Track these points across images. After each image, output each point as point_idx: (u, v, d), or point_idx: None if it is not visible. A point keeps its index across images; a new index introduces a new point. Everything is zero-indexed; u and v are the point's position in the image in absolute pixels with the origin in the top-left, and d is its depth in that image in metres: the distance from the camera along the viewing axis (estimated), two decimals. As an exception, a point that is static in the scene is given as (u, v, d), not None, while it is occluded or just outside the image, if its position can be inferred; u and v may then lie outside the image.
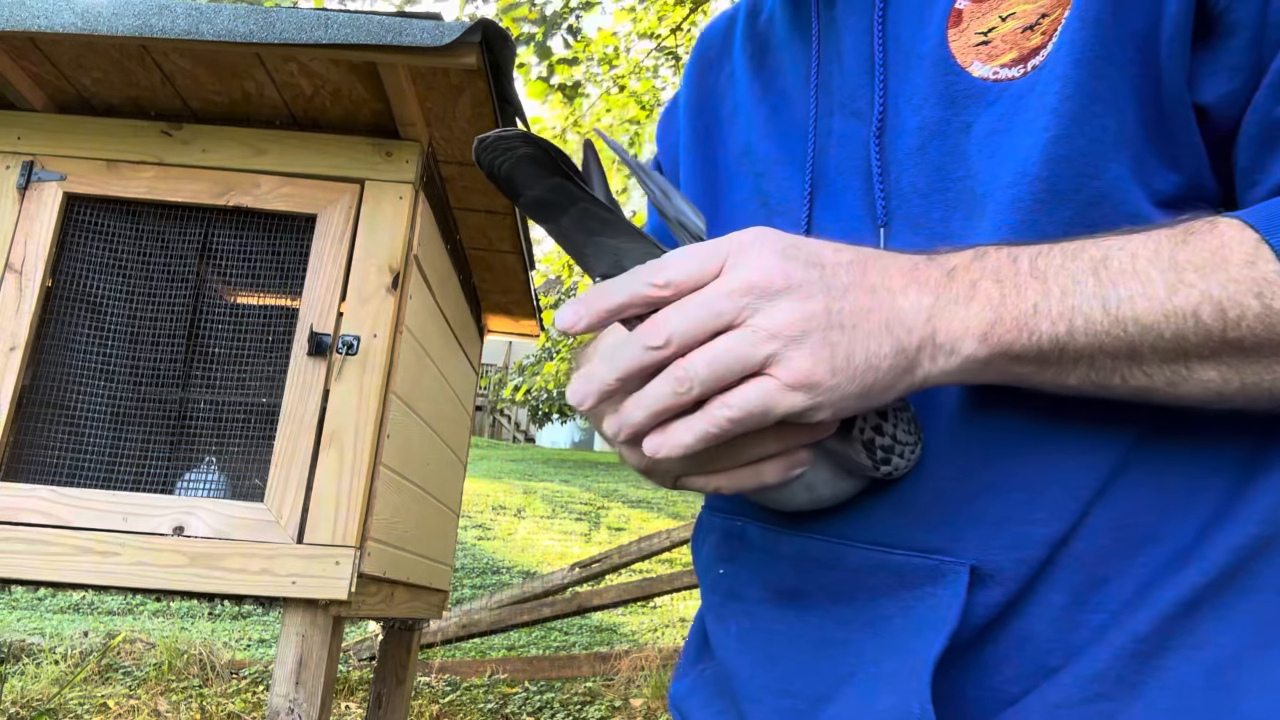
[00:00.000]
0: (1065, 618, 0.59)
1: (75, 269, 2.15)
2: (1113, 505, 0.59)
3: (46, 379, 2.11)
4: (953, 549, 0.60)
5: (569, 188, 0.51)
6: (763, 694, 0.67)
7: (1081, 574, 0.59)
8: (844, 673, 0.63)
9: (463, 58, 1.94)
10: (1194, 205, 0.62)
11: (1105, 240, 0.56)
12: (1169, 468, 0.60)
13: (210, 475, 2.10)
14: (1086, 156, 0.59)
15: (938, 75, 0.66)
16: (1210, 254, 0.54)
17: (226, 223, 2.19)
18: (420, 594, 2.83)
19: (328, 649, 2.00)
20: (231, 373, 2.14)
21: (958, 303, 0.54)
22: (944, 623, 0.58)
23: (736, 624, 0.71)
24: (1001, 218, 0.61)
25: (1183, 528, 0.59)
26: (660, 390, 0.51)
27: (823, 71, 0.74)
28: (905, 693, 0.57)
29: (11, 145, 2.19)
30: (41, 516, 1.99)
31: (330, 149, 2.20)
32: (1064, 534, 0.59)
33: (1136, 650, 0.57)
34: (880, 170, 0.68)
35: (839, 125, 0.72)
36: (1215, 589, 0.58)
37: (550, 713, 4.53)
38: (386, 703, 3.17)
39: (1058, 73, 0.61)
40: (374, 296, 2.12)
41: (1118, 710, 0.57)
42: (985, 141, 0.63)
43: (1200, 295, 0.53)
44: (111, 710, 4.19)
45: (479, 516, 9.56)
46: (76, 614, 6.15)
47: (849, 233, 0.69)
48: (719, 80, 0.86)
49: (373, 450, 2.06)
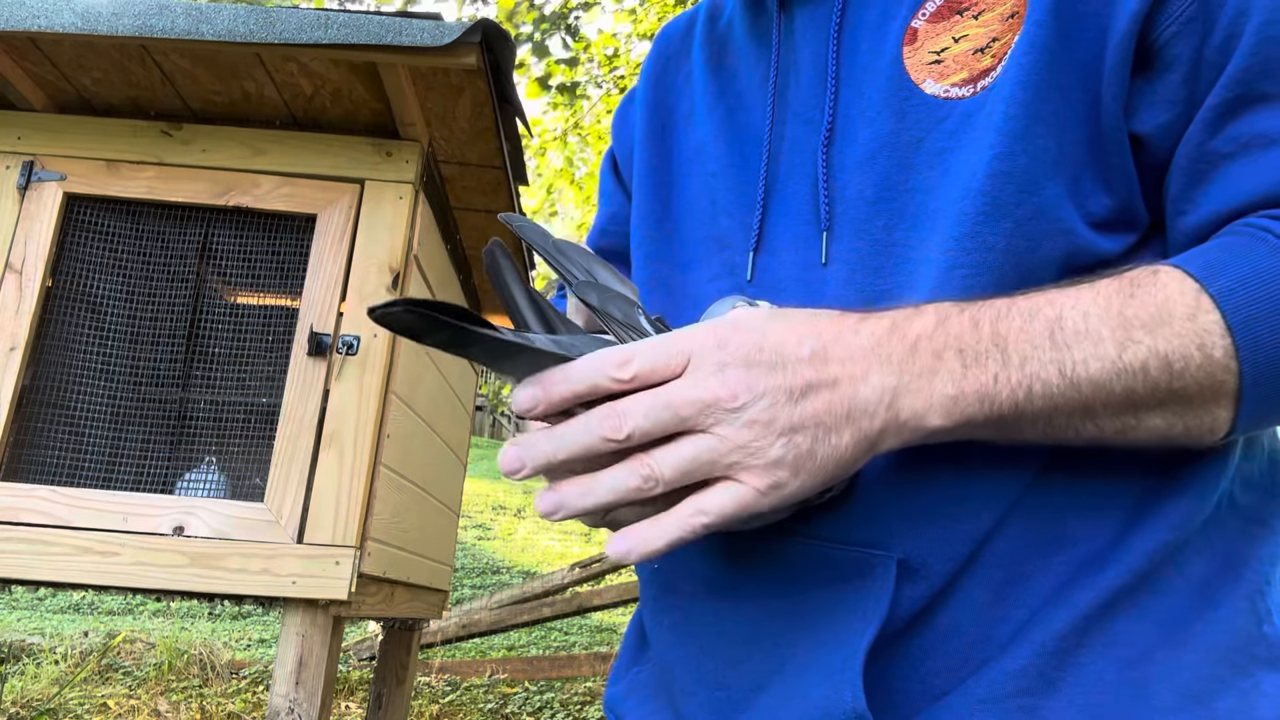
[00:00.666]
0: (987, 613, 0.62)
1: (75, 269, 2.15)
2: (1032, 507, 0.62)
3: (46, 379, 2.11)
4: (883, 543, 0.63)
5: (461, 333, 0.51)
6: (696, 687, 0.69)
7: (1002, 571, 0.62)
8: (776, 664, 0.64)
9: (463, 58, 1.94)
10: (1123, 228, 0.65)
11: (1059, 296, 0.58)
12: (1084, 474, 0.63)
13: (210, 475, 2.10)
14: (1027, 173, 0.62)
15: (891, 90, 0.69)
16: (1155, 309, 0.56)
17: (226, 223, 2.19)
18: (420, 594, 2.83)
19: (328, 649, 2.00)
20: (231, 373, 2.14)
21: (921, 377, 0.56)
22: (874, 614, 0.60)
23: (670, 618, 0.73)
24: (949, 229, 0.63)
25: (1098, 531, 0.62)
26: (622, 483, 0.52)
27: (780, 80, 0.77)
28: (838, 682, 0.59)
29: (11, 145, 2.19)
30: (41, 516, 1.99)
31: (330, 149, 2.20)
32: (986, 532, 0.62)
33: (1057, 648, 0.60)
34: (826, 177, 0.71)
35: (791, 132, 0.75)
36: (1129, 591, 0.61)
37: (550, 713, 4.53)
38: (386, 703, 3.18)
39: (1004, 93, 0.63)
40: (374, 296, 2.12)
41: (1038, 704, 0.59)
42: (935, 157, 0.66)
43: (1148, 351, 0.56)
44: (111, 710, 4.19)
45: (479, 516, 9.56)
46: (76, 614, 6.15)
47: (796, 235, 0.72)
48: (677, 79, 0.88)
49: (373, 450, 2.06)
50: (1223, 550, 0.64)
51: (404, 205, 2.17)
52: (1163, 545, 0.62)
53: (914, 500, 0.63)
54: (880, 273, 0.67)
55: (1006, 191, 0.62)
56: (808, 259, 0.71)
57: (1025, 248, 0.62)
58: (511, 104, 2.26)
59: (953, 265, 0.63)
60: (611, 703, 0.82)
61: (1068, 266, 0.63)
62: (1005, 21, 0.66)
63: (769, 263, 0.73)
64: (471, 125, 2.32)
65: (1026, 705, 0.60)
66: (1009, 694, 0.60)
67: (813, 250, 0.71)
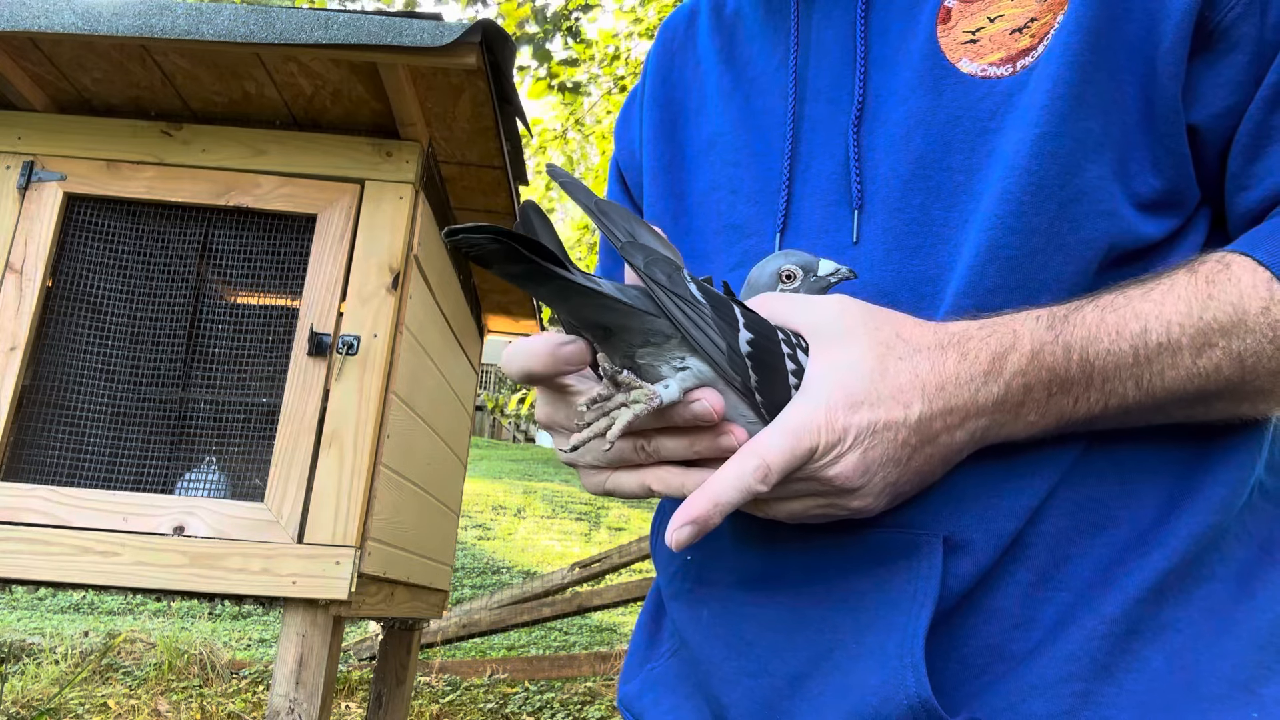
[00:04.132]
0: (1031, 594, 0.62)
1: (75, 269, 2.15)
2: (1075, 487, 0.63)
3: (46, 379, 2.11)
4: (924, 522, 0.63)
5: (536, 270, 0.54)
6: (738, 676, 0.68)
7: (1047, 552, 0.62)
8: (820, 650, 0.64)
9: (463, 58, 1.94)
10: (1169, 210, 0.65)
11: (1144, 305, 0.60)
12: (1126, 455, 0.64)
13: (210, 475, 2.10)
14: (1072, 154, 0.63)
15: (926, 68, 0.69)
16: (1231, 309, 0.59)
17: (226, 223, 2.19)
18: (420, 594, 2.83)
19: (328, 649, 2.00)
20: (231, 373, 2.14)
21: (1009, 414, 0.60)
22: (926, 594, 0.60)
23: (708, 609, 0.72)
24: (992, 209, 0.64)
25: (1140, 511, 0.63)
26: (742, 490, 0.56)
27: (799, 62, 0.76)
28: (896, 667, 0.59)
29: (11, 145, 2.19)
30: (41, 516, 1.99)
31: (330, 149, 2.20)
32: (1032, 509, 0.62)
33: (1108, 633, 0.60)
34: (858, 156, 0.70)
35: (813, 113, 0.74)
36: (1177, 575, 0.61)
37: (550, 713, 4.53)
38: (386, 703, 3.18)
39: (1049, 72, 0.63)
40: (374, 296, 2.12)
41: (1091, 690, 0.59)
42: (975, 137, 0.66)
43: (1223, 353, 0.59)
44: (111, 710, 4.19)
45: (479, 516, 9.57)
46: (76, 614, 6.15)
47: (823, 217, 0.72)
48: (684, 72, 0.88)
49: (373, 450, 2.06)
50: (1259, 536, 0.64)
51: (404, 205, 2.17)
52: (1207, 529, 0.62)
53: (956, 478, 0.63)
54: (919, 252, 0.66)
55: (1051, 172, 0.62)
56: (837, 240, 0.70)
57: (1069, 229, 0.62)
58: (511, 104, 2.26)
59: (996, 245, 0.63)
60: (627, 700, 0.81)
61: (1111, 248, 0.63)
62: (1043, 2, 0.66)
63: (796, 246, 0.73)
64: (471, 125, 2.32)
65: (1079, 690, 0.59)
66: (1061, 679, 0.60)
67: (842, 231, 0.70)
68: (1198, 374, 0.59)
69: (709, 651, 0.71)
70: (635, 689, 0.81)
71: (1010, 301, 0.62)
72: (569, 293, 0.56)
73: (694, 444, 0.58)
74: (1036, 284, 0.63)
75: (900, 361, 0.58)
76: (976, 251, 0.63)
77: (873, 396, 0.57)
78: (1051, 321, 0.60)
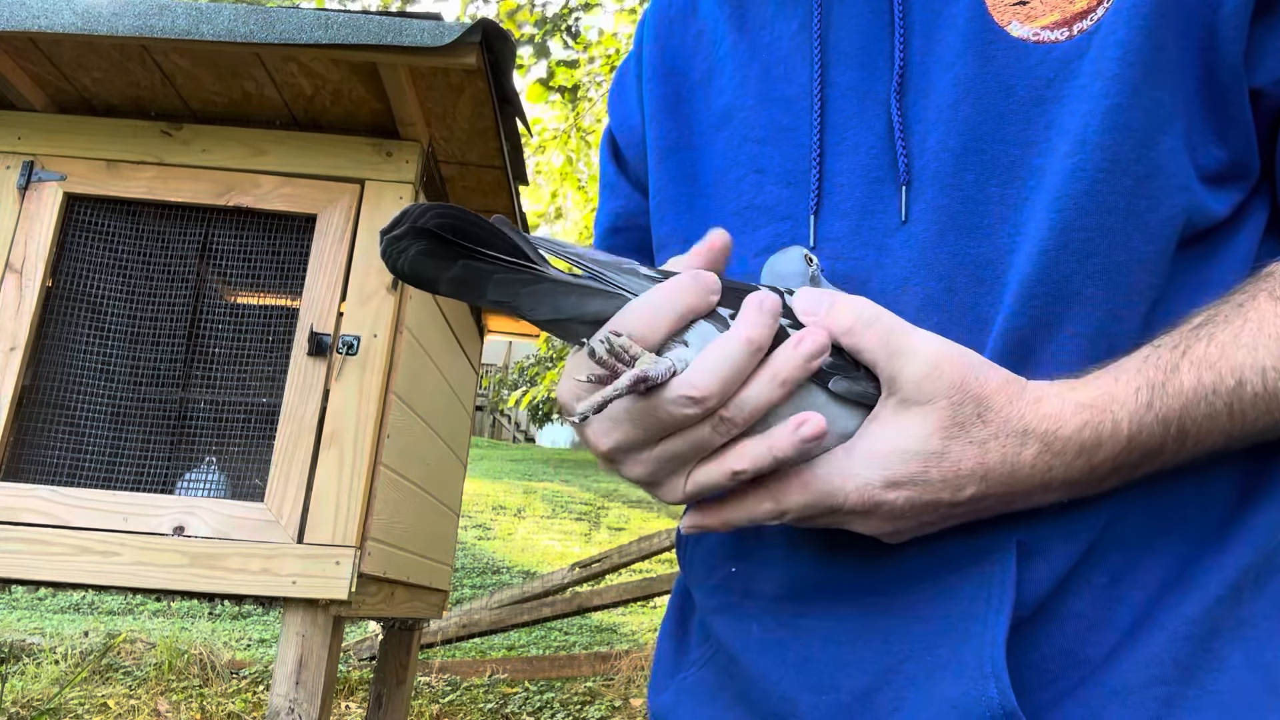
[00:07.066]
0: (1105, 595, 0.59)
1: (75, 269, 2.15)
2: (1149, 484, 0.59)
3: (46, 379, 2.11)
4: (994, 528, 0.59)
5: (474, 266, 0.51)
6: (798, 693, 0.64)
7: (1120, 553, 0.59)
8: (889, 664, 0.60)
9: (463, 58, 1.94)
10: (1233, 181, 0.62)
11: (1236, 353, 0.57)
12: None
13: (210, 475, 2.10)
14: (1145, 127, 0.59)
15: (972, 33, 0.64)
16: None
17: (226, 223, 2.19)
18: (420, 594, 2.83)
19: (328, 649, 2.00)
20: (231, 373, 2.14)
21: (1082, 490, 0.57)
22: (1002, 601, 0.57)
23: (759, 624, 0.68)
24: (1062, 188, 0.59)
25: (1210, 506, 0.60)
26: (753, 521, 0.58)
27: (822, 24, 0.70)
28: (976, 678, 0.56)
29: (11, 145, 2.19)
30: (41, 516, 1.99)
31: (330, 149, 2.20)
32: (1103, 511, 0.59)
33: (1189, 634, 0.58)
34: (902, 128, 0.65)
35: (842, 79, 0.69)
36: (1256, 572, 0.59)
37: (550, 713, 4.53)
38: (386, 703, 3.18)
39: (1117, 38, 0.59)
40: (374, 296, 2.12)
41: (1176, 694, 0.57)
42: (1032, 108, 0.62)
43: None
44: (111, 710, 4.19)
45: (479, 516, 9.56)
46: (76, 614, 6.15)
47: (865, 194, 0.66)
48: (685, 41, 0.81)
49: (373, 450, 2.06)
50: None
51: (404, 205, 2.17)
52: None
53: None
54: (977, 233, 0.62)
55: (1125, 146, 0.58)
56: (883, 221, 0.65)
57: (1146, 206, 0.59)
58: (511, 104, 2.26)
59: (1070, 227, 0.59)
60: (661, 712, 0.76)
61: (1187, 225, 0.60)
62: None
63: (835, 228, 0.67)
64: (471, 125, 2.32)
65: (1163, 695, 0.57)
66: (1144, 683, 0.57)
67: (888, 211, 0.65)
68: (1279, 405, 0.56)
69: (764, 668, 0.67)
70: (669, 700, 0.76)
71: (1089, 286, 0.59)
72: (512, 285, 0.52)
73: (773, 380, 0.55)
74: (1118, 266, 0.59)
75: (969, 447, 0.54)
76: (1047, 233, 0.59)
77: (920, 479, 0.55)
78: (1151, 395, 0.56)
